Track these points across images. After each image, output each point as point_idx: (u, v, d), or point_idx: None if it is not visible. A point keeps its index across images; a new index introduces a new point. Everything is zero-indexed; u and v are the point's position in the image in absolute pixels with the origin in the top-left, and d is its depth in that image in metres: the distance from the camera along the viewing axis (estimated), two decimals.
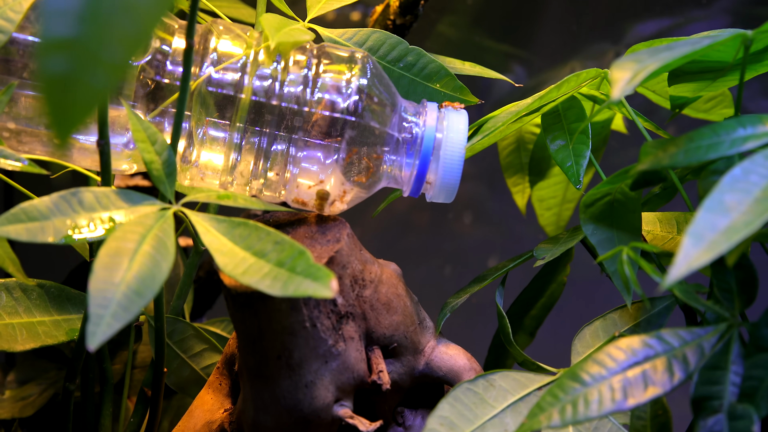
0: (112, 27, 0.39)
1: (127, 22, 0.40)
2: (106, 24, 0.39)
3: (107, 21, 0.39)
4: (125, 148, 0.72)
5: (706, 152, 0.61)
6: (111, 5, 0.39)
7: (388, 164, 0.73)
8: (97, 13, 0.39)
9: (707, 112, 0.88)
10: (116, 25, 0.39)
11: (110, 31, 0.39)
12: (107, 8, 0.39)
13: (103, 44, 0.39)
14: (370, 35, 0.79)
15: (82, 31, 0.39)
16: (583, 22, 1.25)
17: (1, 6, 0.67)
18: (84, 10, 0.39)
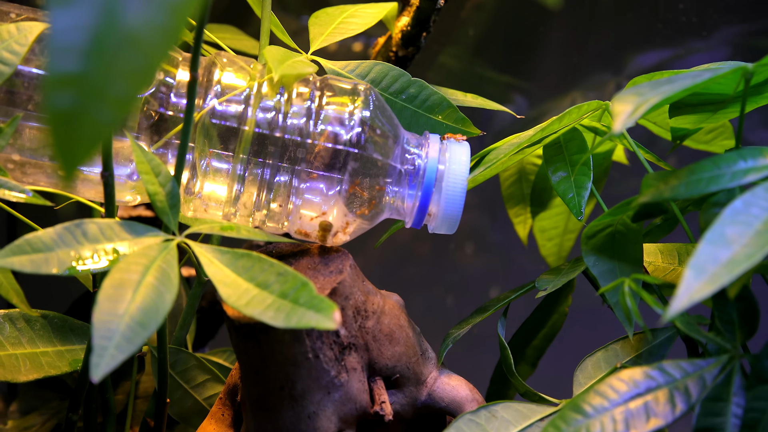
0: (118, 62, 0.40)
1: (133, 57, 0.40)
2: (112, 60, 0.40)
3: (113, 57, 0.40)
4: (129, 180, 0.72)
5: (707, 185, 0.62)
6: (117, 41, 0.40)
7: (391, 196, 0.73)
8: (103, 48, 0.40)
9: (708, 144, 0.89)
10: (122, 61, 0.40)
11: (116, 67, 0.40)
12: (113, 44, 0.40)
13: (110, 80, 0.40)
14: (372, 67, 0.80)
15: (89, 66, 0.40)
16: (584, 53, 1.26)
17: (7, 39, 0.67)
18: (90, 46, 0.40)
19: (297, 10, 1.24)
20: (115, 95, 0.40)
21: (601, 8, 1.23)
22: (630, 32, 1.23)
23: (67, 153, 0.40)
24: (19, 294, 0.73)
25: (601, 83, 1.24)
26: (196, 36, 0.64)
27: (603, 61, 1.25)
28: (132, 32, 0.40)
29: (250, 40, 1.03)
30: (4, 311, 0.75)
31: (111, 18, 0.40)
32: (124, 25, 0.40)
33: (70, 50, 0.40)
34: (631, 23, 1.23)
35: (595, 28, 1.25)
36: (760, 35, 1.20)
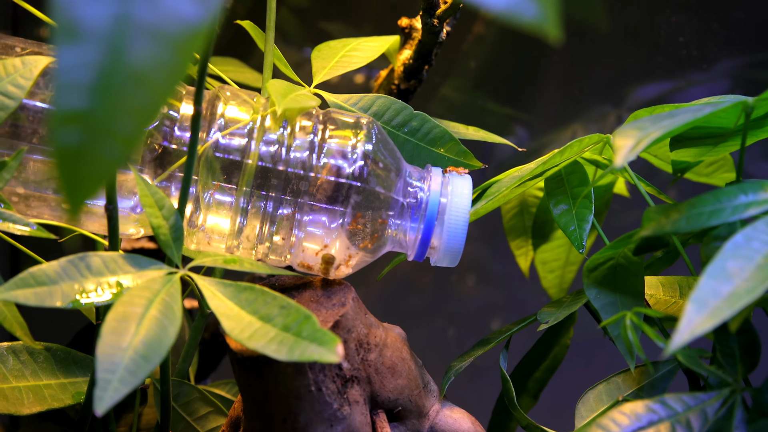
0: (123, 100, 0.40)
1: (138, 94, 0.40)
2: (118, 97, 0.40)
3: (119, 94, 0.40)
4: (132, 212, 0.72)
5: (708, 219, 0.62)
6: (123, 78, 0.40)
7: (393, 229, 0.73)
8: (109, 86, 0.40)
9: (709, 176, 0.89)
10: (128, 98, 0.40)
11: (122, 104, 0.40)
12: (119, 81, 0.40)
13: (115, 116, 0.40)
14: (375, 100, 0.80)
15: (95, 103, 0.40)
16: (585, 85, 1.26)
17: (12, 73, 0.68)
18: (96, 83, 0.40)
19: (299, 42, 1.25)
20: (121, 132, 0.40)
21: (602, 41, 1.24)
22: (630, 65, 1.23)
23: (74, 188, 0.41)
24: (22, 327, 0.73)
25: (602, 115, 1.25)
26: (199, 70, 0.64)
27: (604, 93, 1.26)
28: (137, 70, 0.40)
29: (252, 72, 1.04)
30: (7, 344, 0.75)
31: (117, 55, 0.40)
32: (129, 63, 0.40)
33: (76, 87, 0.40)
34: (631, 56, 1.24)
35: (596, 60, 1.26)
36: (760, 67, 1.20)
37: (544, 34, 0.43)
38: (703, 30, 1.19)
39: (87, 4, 0.41)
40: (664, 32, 1.19)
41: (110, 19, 0.41)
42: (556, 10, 0.43)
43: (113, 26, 0.41)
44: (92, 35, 0.40)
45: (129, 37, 0.41)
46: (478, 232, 1.30)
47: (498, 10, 0.44)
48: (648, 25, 1.21)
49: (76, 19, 0.41)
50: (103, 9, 0.41)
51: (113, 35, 0.40)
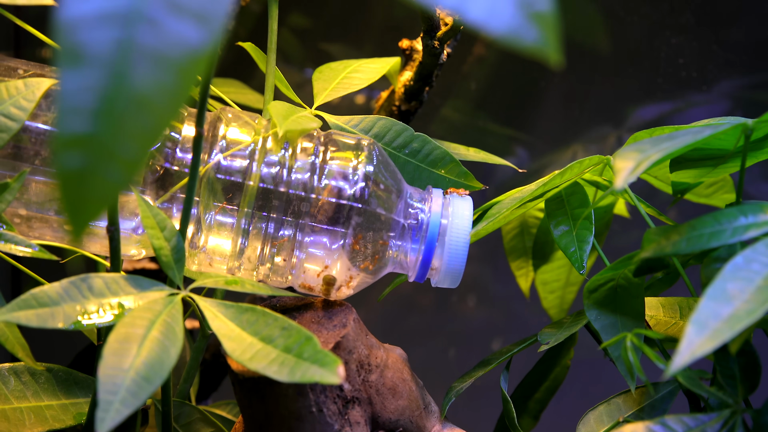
0: (126, 123, 0.40)
1: (141, 118, 0.40)
2: (121, 121, 0.40)
3: (122, 118, 0.40)
4: (134, 233, 0.73)
5: (708, 240, 0.62)
6: (126, 102, 0.40)
7: (394, 250, 0.74)
8: (112, 109, 0.40)
9: (708, 197, 0.89)
10: (131, 122, 0.40)
11: (125, 128, 0.40)
12: (122, 105, 0.40)
13: (118, 140, 0.40)
14: (376, 122, 0.80)
15: (98, 127, 0.40)
16: (585, 106, 1.27)
17: (15, 95, 0.68)
18: (99, 107, 0.40)
19: (300, 63, 1.25)
20: (124, 156, 0.40)
21: (602, 62, 1.24)
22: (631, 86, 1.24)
23: (77, 212, 0.41)
24: (24, 348, 0.73)
25: (602, 136, 1.25)
26: (201, 92, 0.65)
27: (604, 114, 1.26)
28: (140, 94, 0.41)
29: (254, 93, 1.04)
30: (9, 365, 0.75)
31: (120, 79, 0.41)
32: (132, 87, 0.41)
33: (79, 111, 0.40)
34: (631, 77, 1.24)
35: (596, 81, 1.26)
36: (759, 89, 1.21)
37: (545, 59, 0.44)
38: (703, 51, 1.19)
39: (90, 29, 0.41)
40: (664, 54, 1.20)
41: (113, 44, 0.41)
42: (557, 34, 0.44)
43: (116, 50, 0.41)
44: (95, 59, 0.41)
45: (132, 62, 0.41)
46: (479, 252, 1.30)
47: (499, 34, 0.44)
48: (648, 46, 1.21)
49: (79, 43, 0.41)
50: (107, 33, 0.41)
51: (116, 59, 0.41)
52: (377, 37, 1.25)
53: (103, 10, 0.41)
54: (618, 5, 1.21)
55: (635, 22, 1.21)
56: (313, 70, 0.91)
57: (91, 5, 0.41)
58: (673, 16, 1.19)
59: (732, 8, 1.19)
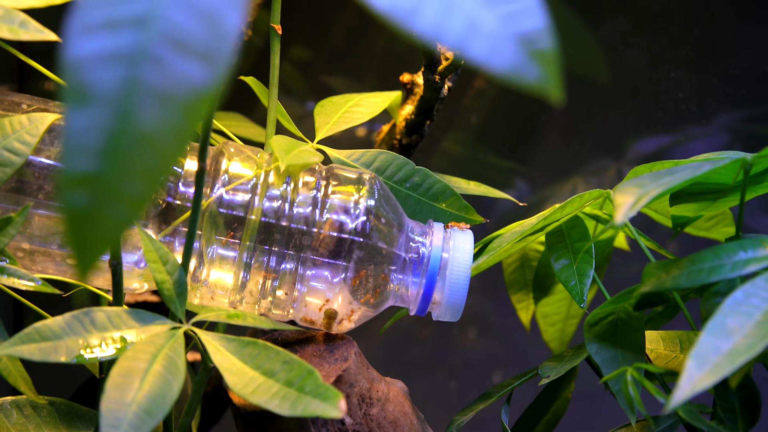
0: (132, 162, 0.41)
1: (146, 157, 0.41)
2: (126, 159, 0.41)
3: (127, 156, 0.41)
4: (136, 267, 0.73)
5: (708, 275, 0.62)
6: (131, 141, 0.41)
7: (395, 283, 0.74)
8: (117, 148, 0.41)
9: (708, 231, 0.89)
10: (136, 161, 0.41)
11: (130, 166, 0.41)
12: (127, 144, 0.41)
13: (124, 179, 0.41)
14: (377, 156, 0.81)
15: (103, 166, 0.41)
16: (585, 139, 1.27)
17: (18, 130, 0.68)
18: (105, 146, 0.41)
19: (302, 96, 1.26)
20: (130, 194, 0.41)
21: (602, 96, 1.25)
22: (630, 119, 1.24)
23: (83, 249, 0.41)
24: (27, 381, 0.73)
25: (602, 169, 1.26)
26: (204, 127, 0.65)
27: (604, 147, 1.26)
28: (146, 132, 0.41)
29: (256, 127, 1.05)
30: (11, 398, 0.75)
31: (125, 118, 0.41)
32: (138, 126, 0.41)
33: (85, 150, 0.41)
34: (631, 110, 1.24)
35: (596, 115, 1.27)
36: (758, 122, 1.21)
37: (547, 96, 0.44)
38: (702, 85, 1.20)
39: (96, 68, 0.42)
40: (664, 87, 1.20)
41: (119, 83, 0.41)
42: (558, 72, 0.44)
43: (122, 89, 0.41)
44: (101, 98, 0.41)
45: (137, 100, 0.41)
46: (480, 284, 1.30)
47: (500, 72, 0.44)
48: (648, 80, 1.22)
49: (85, 82, 0.41)
50: (112, 72, 0.41)
51: (122, 98, 0.41)
52: (378, 70, 1.26)
53: (109, 49, 0.42)
54: (617, 39, 1.21)
55: (635, 56, 1.22)
56: (314, 102, 0.91)
57: (97, 44, 0.42)
58: (672, 49, 1.20)
59: (731, 42, 1.20)
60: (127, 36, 0.42)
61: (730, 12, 1.21)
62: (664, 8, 1.21)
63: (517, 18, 0.45)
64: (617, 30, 1.23)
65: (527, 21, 0.45)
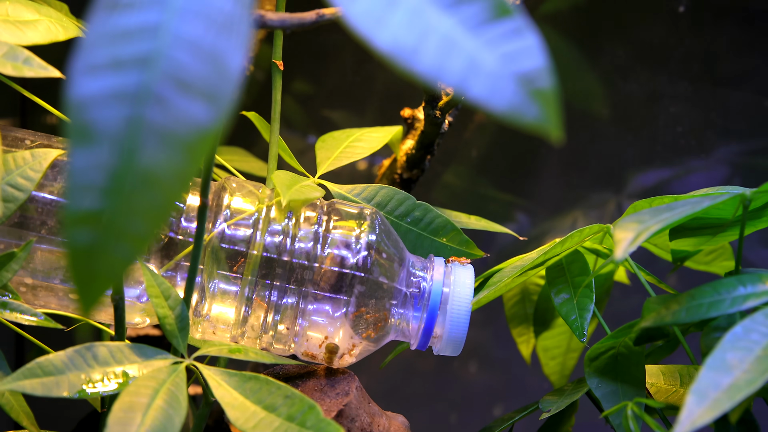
0: (135, 201, 0.41)
1: (150, 196, 0.41)
2: (129, 198, 0.41)
3: (131, 195, 0.41)
4: (138, 301, 0.73)
5: (708, 310, 0.63)
6: (135, 180, 0.41)
7: (396, 318, 0.74)
8: (121, 187, 0.41)
9: (708, 264, 0.90)
10: (140, 199, 0.41)
11: (134, 205, 0.41)
12: (131, 183, 0.41)
13: (127, 217, 0.41)
14: (378, 191, 0.81)
15: (107, 204, 0.41)
16: (585, 173, 1.27)
17: (22, 165, 0.69)
18: (108, 185, 0.41)
19: (303, 130, 1.26)
20: (133, 232, 0.41)
21: (601, 130, 1.25)
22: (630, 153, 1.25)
23: (86, 287, 0.41)
24: (29, 416, 0.73)
25: (601, 202, 1.26)
26: (206, 163, 0.65)
27: (603, 180, 1.27)
28: (149, 171, 0.41)
29: (257, 161, 1.05)
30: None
31: (129, 157, 0.41)
32: (141, 165, 0.41)
33: (89, 189, 0.41)
34: (630, 144, 1.25)
35: (596, 148, 1.27)
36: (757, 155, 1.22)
37: (546, 135, 0.45)
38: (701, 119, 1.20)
39: (100, 107, 0.42)
40: (663, 122, 1.21)
41: (123, 122, 0.42)
42: (558, 111, 0.44)
43: (126, 128, 0.42)
44: (105, 137, 0.42)
45: (141, 139, 0.42)
46: (480, 317, 1.30)
47: (500, 111, 0.45)
48: (647, 114, 1.22)
49: (89, 120, 0.42)
50: (116, 111, 0.42)
51: (126, 137, 0.42)
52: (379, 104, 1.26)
53: (113, 88, 0.42)
54: (617, 73, 1.22)
55: (634, 90, 1.23)
56: (315, 136, 0.92)
57: (101, 83, 0.42)
58: (671, 84, 1.20)
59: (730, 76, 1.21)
60: (131, 75, 0.43)
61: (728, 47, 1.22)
62: (662, 43, 1.22)
63: (517, 57, 0.45)
64: (617, 64, 1.23)
65: (527, 60, 0.45)
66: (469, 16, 0.45)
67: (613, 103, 1.24)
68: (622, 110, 1.24)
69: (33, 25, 0.72)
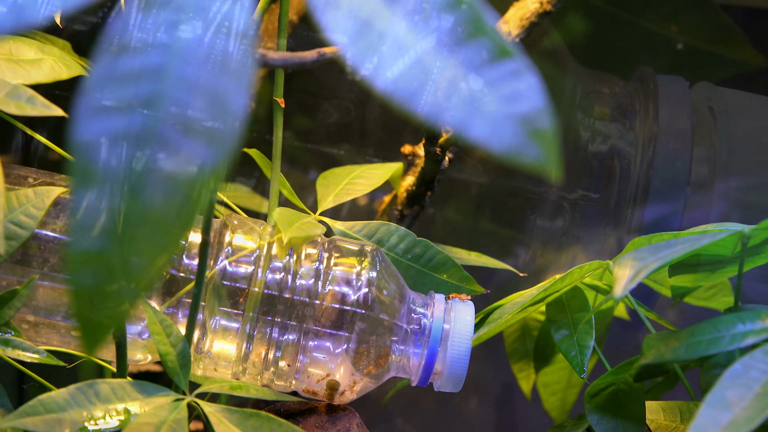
0: (139, 242, 0.41)
1: (153, 237, 0.42)
2: (133, 239, 0.41)
3: (135, 236, 0.41)
4: (139, 338, 0.73)
5: (707, 347, 0.63)
6: (138, 221, 0.42)
7: (397, 354, 0.74)
8: (124, 228, 0.41)
9: (708, 300, 0.90)
10: (143, 240, 0.41)
11: (137, 246, 0.41)
12: (134, 224, 0.42)
13: (131, 258, 0.41)
14: (378, 228, 0.82)
15: (110, 245, 0.41)
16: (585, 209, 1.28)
17: (24, 203, 0.69)
18: (111, 226, 0.42)
19: (304, 165, 1.26)
20: (137, 273, 0.41)
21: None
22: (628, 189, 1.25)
23: (89, 327, 0.42)
24: None
25: (601, 237, 1.26)
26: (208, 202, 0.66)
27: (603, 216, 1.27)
28: (153, 212, 0.42)
29: (259, 197, 1.06)
30: None
31: (132, 199, 0.42)
32: (145, 206, 0.42)
33: (92, 229, 0.41)
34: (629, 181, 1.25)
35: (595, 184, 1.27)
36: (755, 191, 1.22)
37: (546, 174, 0.45)
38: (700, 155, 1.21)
39: (104, 148, 0.42)
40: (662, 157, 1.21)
41: (126, 163, 0.42)
42: (557, 151, 0.45)
43: (129, 170, 0.42)
44: (109, 178, 0.42)
45: (145, 181, 0.42)
46: (481, 352, 1.30)
47: (500, 151, 0.45)
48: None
49: (93, 161, 0.42)
50: (120, 153, 0.42)
51: (129, 179, 0.42)
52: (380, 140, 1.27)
53: (118, 129, 0.43)
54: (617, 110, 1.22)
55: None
56: (316, 171, 0.92)
57: (105, 125, 0.43)
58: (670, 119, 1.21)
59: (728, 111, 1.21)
60: (135, 117, 0.43)
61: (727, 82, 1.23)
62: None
63: (516, 99, 0.46)
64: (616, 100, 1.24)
65: (527, 102, 0.46)
66: (470, 58, 0.46)
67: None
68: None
69: (36, 64, 0.73)
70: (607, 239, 1.24)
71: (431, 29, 0.46)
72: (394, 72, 0.45)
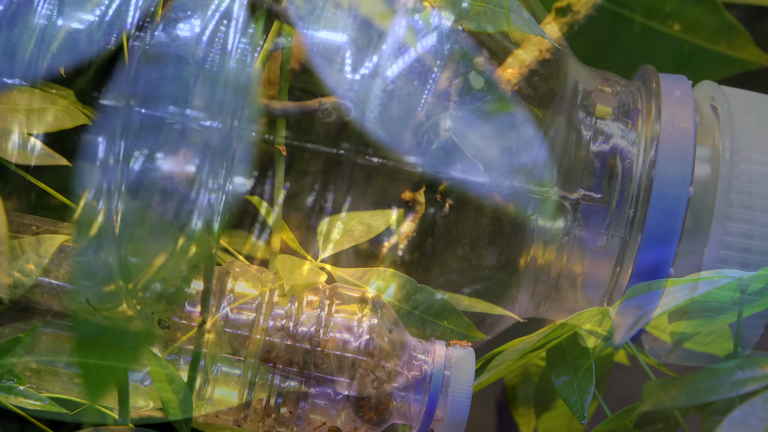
0: (143, 292, 0.42)
1: (158, 287, 0.42)
2: (137, 289, 0.42)
3: (138, 287, 0.42)
4: (141, 384, 0.74)
5: (707, 395, 0.63)
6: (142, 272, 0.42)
7: (398, 401, 0.75)
8: (128, 279, 0.42)
9: (707, 345, 0.90)
10: (147, 291, 0.42)
11: (141, 297, 0.42)
12: (138, 275, 0.42)
13: (135, 309, 0.42)
14: (379, 274, 0.82)
15: (113, 296, 0.42)
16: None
17: (28, 251, 0.69)
18: (115, 277, 0.42)
19: (306, 213, 1.26)
20: (140, 324, 0.42)
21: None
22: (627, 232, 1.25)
23: (93, 379, 0.42)
24: None
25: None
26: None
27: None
28: (156, 265, 0.42)
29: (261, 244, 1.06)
30: None
31: (135, 251, 0.42)
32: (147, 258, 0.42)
33: (95, 279, 0.42)
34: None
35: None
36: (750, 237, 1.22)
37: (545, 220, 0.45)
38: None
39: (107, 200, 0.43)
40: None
41: (129, 215, 0.43)
42: (555, 202, 0.45)
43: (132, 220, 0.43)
44: (111, 229, 0.42)
45: (146, 231, 0.42)
46: (482, 397, 1.30)
47: (499, 201, 0.46)
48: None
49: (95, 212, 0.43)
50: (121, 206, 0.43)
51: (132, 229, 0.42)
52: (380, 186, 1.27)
53: (119, 183, 0.43)
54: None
55: None
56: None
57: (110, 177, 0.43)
58: None
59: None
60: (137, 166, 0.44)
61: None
62: None
63: (517, 150, 0.46)
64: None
65: (526, 153, 0.46)
66: (470, 112, 0.46)
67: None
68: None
69: (41, 113, 0.74)
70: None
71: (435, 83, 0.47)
72: (392, 125, 0.46)
